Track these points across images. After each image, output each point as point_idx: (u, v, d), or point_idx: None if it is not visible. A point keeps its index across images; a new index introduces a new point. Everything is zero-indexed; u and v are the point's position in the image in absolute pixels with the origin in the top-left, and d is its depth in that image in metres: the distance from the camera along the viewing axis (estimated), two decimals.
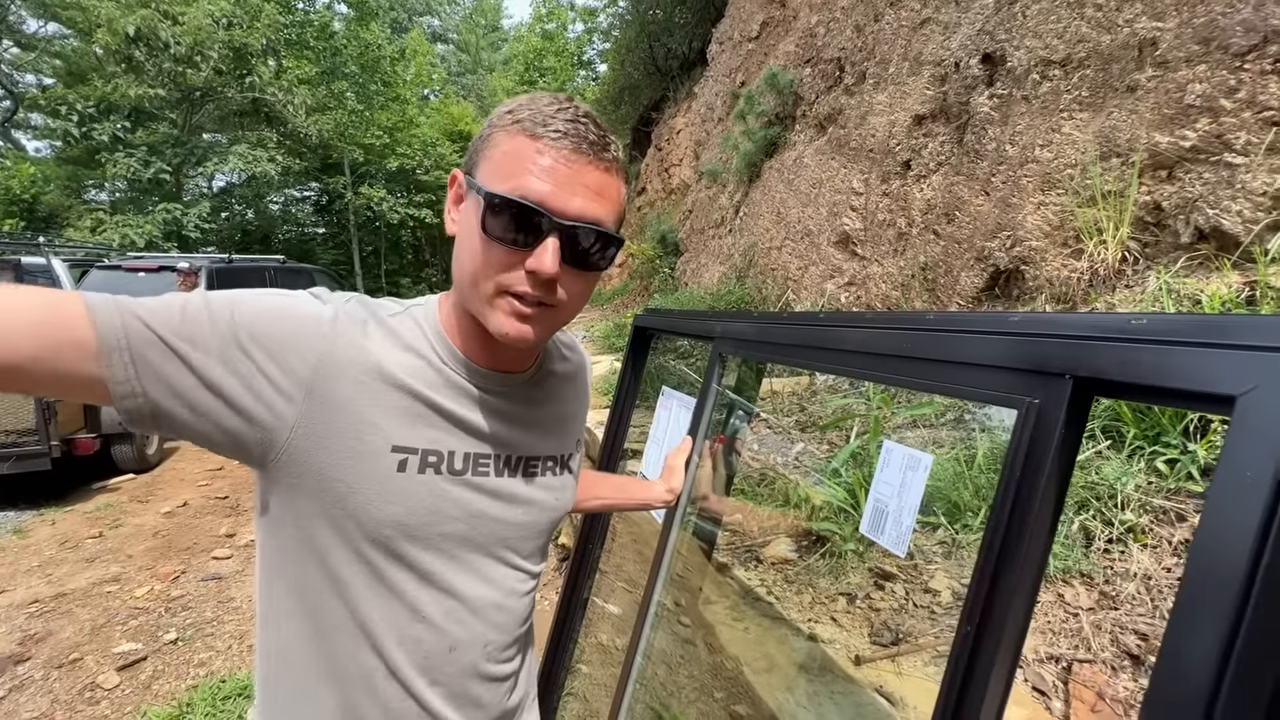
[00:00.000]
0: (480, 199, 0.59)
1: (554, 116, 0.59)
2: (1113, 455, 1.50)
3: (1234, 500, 0.36)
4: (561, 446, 0.77)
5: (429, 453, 0.63)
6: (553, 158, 0.58)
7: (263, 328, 0.56)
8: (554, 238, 0.59)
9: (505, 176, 0.58)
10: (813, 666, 1.40)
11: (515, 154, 0.59)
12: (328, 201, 22.89)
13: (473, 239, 0.60)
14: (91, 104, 14.72)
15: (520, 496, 0.71)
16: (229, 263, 7.95)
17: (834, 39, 4.14)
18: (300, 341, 0.58)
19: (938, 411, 2.19)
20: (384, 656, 0.63)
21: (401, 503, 0.61)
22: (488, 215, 0.58)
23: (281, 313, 0.58)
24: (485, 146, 0.61)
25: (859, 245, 3.48)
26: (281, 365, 0.57)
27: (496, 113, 0.62)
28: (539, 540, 0.75)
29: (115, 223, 14.97)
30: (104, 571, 3.47)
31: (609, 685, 1.71)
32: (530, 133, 0.58)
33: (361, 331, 0.62)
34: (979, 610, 0.51)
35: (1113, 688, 1.08)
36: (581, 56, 21.59)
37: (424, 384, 0.64)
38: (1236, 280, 1.61)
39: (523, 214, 0.58)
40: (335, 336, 0.60)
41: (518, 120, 0.59)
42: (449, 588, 0.65)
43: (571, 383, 0.81)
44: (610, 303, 7.83)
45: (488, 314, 0.61)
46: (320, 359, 0.58)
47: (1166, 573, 1.24)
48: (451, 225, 0.66)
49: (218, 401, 0.55)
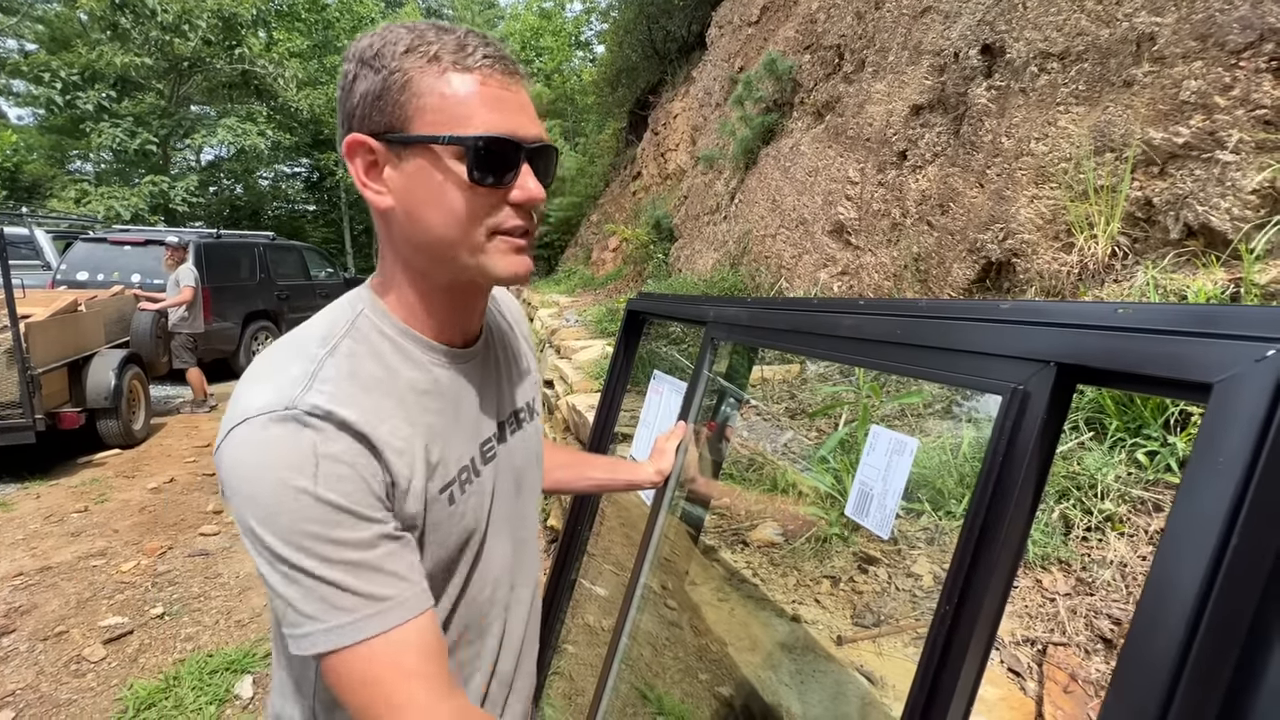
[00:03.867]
0: (453, 148, 0.56)
1: (467, 43, 0.57)
2: (1095, 446, 1.53)
3: (1207, 484, 0.37)
4: (525, 394, 0.79)
5: (461, 470, 0.65)
6: (496, 85, 0.57)
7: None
8: (527, 165, 0.59)
9: (465, 118, 0.55)
10: (796, 646, 1.43)
11: (461, 94, 0.56)
12: (319, 178, 22.57)
13: (446, 194, 0.57)
14: (76, 71, 14.37)
15: (515, 456, 0.75)
16: (217, 238, 7.87)
17: (834, 25, 4.11)
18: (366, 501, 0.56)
19: (925, 401, 2.21)
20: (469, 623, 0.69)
21: (461, 525, 0.65)
22: (473, 162, 0.56)
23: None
24: (407, 96, 0.55)
25: (853, 235, 3.48)
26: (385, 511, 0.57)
27: (385, 55, 0.56)
28: (537, 486, 0.82)
29: (100, 194, 14.70)
30: (90, 546, 3.46)
31: (594, 665, 1.73)
32: (461, 66, 0.56)
33: (371, 420, 0.56)
34: (958, 589, 0.52)
35: (1085, 670, 1.11)
36: (579, 37, 21.29)
37: (427, 407, 0.62)
38: (1222, 277, 1.63)
39: (503, 150, 0.57)
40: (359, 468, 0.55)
41: (434, 57, 0.55)
42: (498, 552, 0.72)
43: (512, 328, 0.81)
44: (603, 287, 7.81)
45: (484, 262, 0.59)
46: (384, 487, 0.57)
47: (1142, 560, 1.27)
48: (382, 197, 0.58)
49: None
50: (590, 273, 9.18)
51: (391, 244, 0.62)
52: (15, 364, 4.09)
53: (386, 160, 0.58)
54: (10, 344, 4.08)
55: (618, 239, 8.16)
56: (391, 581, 0.54)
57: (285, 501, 0.51)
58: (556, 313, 6.49)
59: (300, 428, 0.52)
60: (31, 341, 4.19)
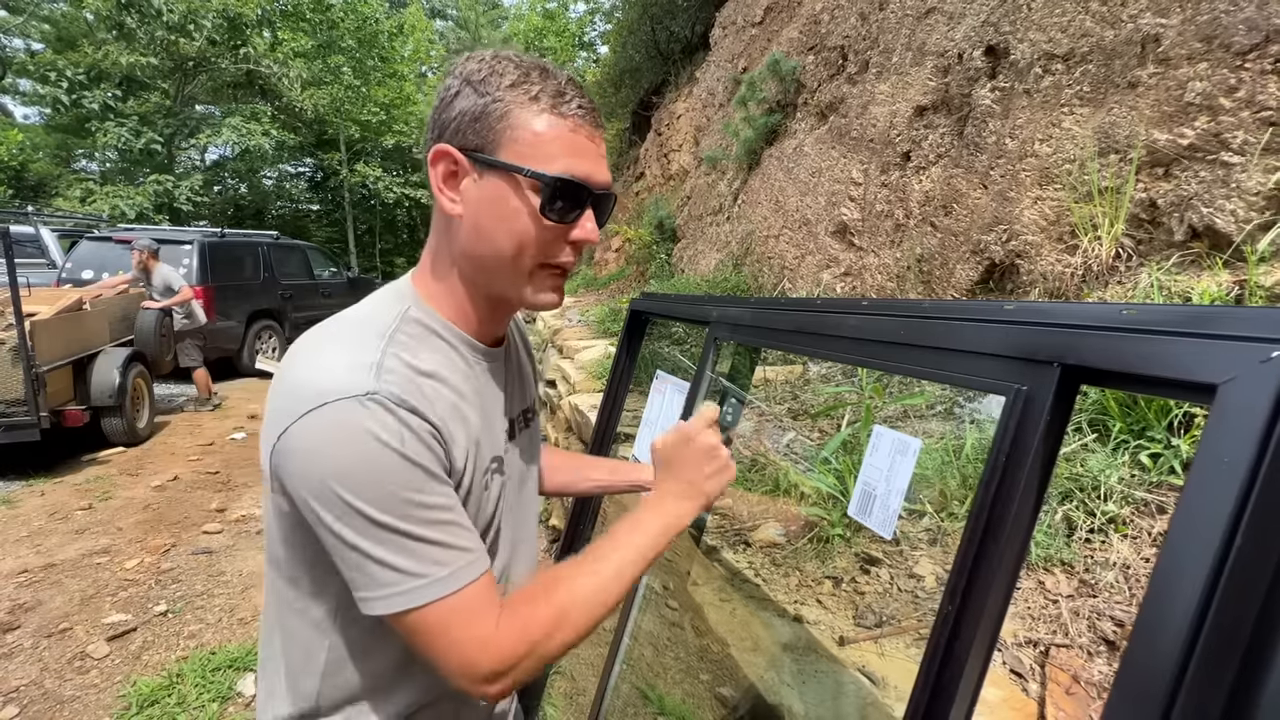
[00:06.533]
0: (532, 181, 0.61)
1: (565, 91, 0.62)
2: (1098, 448, 1.52)
3: (1211, 485, 0.37)
4: (531, 394, 0.85)
5: (494, 459, 0.70)
6: (584, 135, 0.63)
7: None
8: (590, 209, 0.65)
9: (551, 157, 0.61)
10: (798, 647, 1.42)
11: (552, 134, 0.62)
12: (323, 178, 22.61)
13: (517, 220, 0.62)
14: (81, 71, 14.43)
15: (523, 453, 0.80)
16: (221, 237, 7.89)
17: (838, 26, 4.10)
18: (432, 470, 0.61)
19: (928, 402, 2.21)
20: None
21: (486, 511, 0.69)
22: (548, 198, 0.61)
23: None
24: (503, 125, 0.61)
25: (856, 235, 3.48)
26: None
27: (491, 83, 0.61)
28: (536, 484, 0.87)
29: (105, 193, 14.75)
30: (93, 543, 3.48)
31: (596, 665, 1.74)
32: (558, 111, 0.62)
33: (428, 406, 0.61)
34: (961, 590, 0.52)
35: (1088, 671, 1.11)
36: (582, 37, 21.29)
37: (471, 400, 0.67)
38: (1227, 279, 1.62)
39: (578, 193, 0.62)
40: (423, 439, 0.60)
41: (535, 97, 0.61)
42: (501, 549, 0.75)
43: (517, 332, 0.88)
44: (606, 288, 7.81)
45: (524, 288, 0.65)
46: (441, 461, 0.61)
47: (1145, 562, 1.27)
48: (452, 205, 0.64)
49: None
50: (593, 272, 9.18)
51: (449, 248, 0.67)
52: (21, 362, 4.11)
53: (467, 174, 0.63)
54: (16, 342, 4.10)
55: (620, 239, 8.16)
56: (473, 537, 0.61)
57: (381, 467, 0.55)
58: (559, 312, 6.49)
59: (382, 410, 0.56)
60: (37, 339, 4.21)
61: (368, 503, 0.54)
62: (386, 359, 0.59)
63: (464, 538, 0.60)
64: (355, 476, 0.54)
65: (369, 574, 0.56)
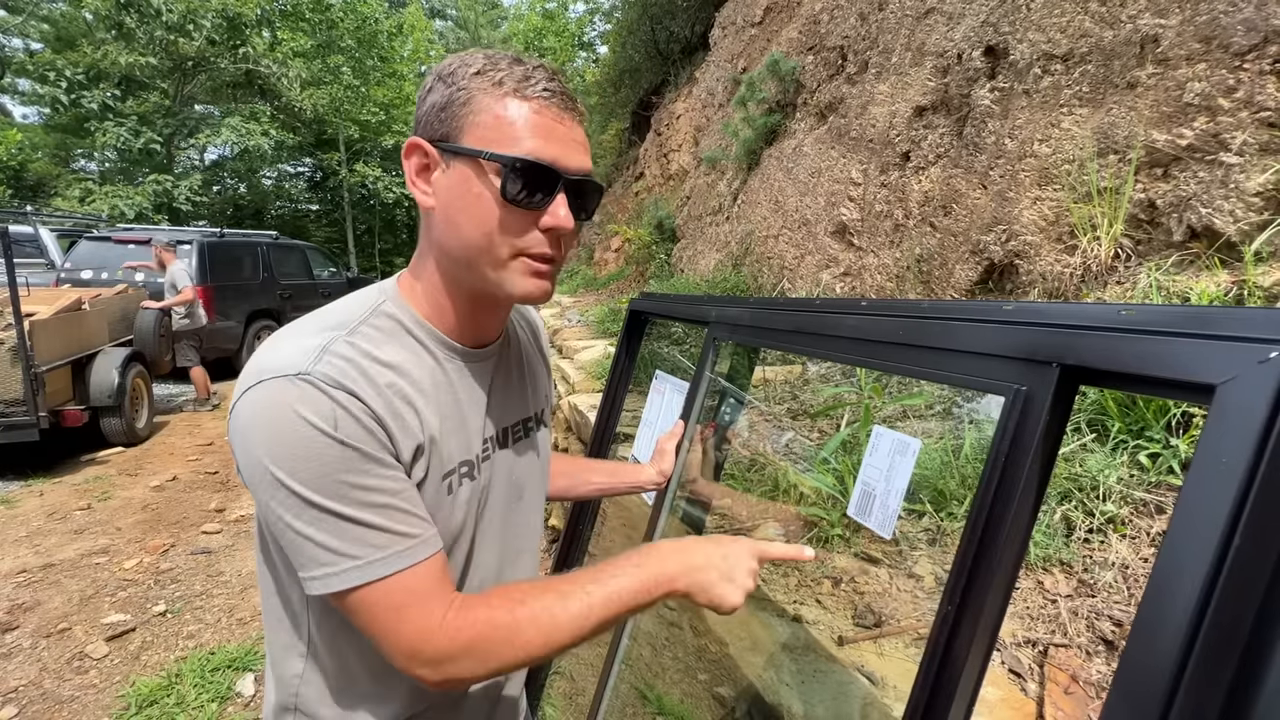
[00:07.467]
0: (494, 165, 0.59)
1: (533, 75, 0.61)
2: (1097, 448, 1.52)
3: (1209, 485, 0.37)
4: (536, 404, 0.81)
5: (463, 464, 0.67)
6: (549, 117, 0.61)
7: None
8: (563, 194, 0.62)
9: (512, 140, 0.59)
10: (797, 647, 1.43)
11: (513, 117, 0.60)
12: (322, 178, 22.61)
13: (480, 206, 0.60)
14: (81, 71, 14.42)
15: (517, 463, 0.76)
16: (220, 237, 7.88)
17: (837, 26, 4.10)
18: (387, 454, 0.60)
19: (927, 402, 2.21)
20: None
21: (454, 517, 0.66)
22: (509, 180, 0.59)
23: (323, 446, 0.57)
24: (466, 111, 0.60)
25: (856, 236, 3.48)
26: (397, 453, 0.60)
27: (459, 74, 0.61)
28: (540, 496, 0.83)
29: (104, 193, 14.74)
30: (92, 543, 3.47)
31: (595, 665, 1.74)
32: (520, 94, 0.60)
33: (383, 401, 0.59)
34: (960, 590, 0.52)
35: (1086, 671, 1.11)
36: (582, 37, 21.29)
37: (434, 396, 0.64)
38: (1225, 279, 1.63)
39: (541, 176, 0.60)
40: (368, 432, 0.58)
41: (498, 82, 0.60)
42: (485, 561, 0.72)
43: (533, 341, 0.85)
44: (605, 288, 7.81)
45: (503, 278, 0.63)
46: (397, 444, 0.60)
47: (1144, 562, 1.27)
48: (426, 198, 0.63)
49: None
50: (592, 273, 9.18)
51: (429, 243, 0.66)
52: (20, 362, 4.11)
53: (437, 166, 0.62)
54: (15, 342, 4.10)
55: (620, 239, 8.16)
56: (419, 523, 0.60)
57: (311, 447, 0.54)
58: (559, 312, 6.50)
59: (315, 390, 0.55)
60: (36, 339, 4.21)
61: (302, 483, 0.54)
62: (336, 344, 0.58)
63: (406, 522, 0.58)
64: (289, 456, 0.54)
65: (307, 554, 0.56)
